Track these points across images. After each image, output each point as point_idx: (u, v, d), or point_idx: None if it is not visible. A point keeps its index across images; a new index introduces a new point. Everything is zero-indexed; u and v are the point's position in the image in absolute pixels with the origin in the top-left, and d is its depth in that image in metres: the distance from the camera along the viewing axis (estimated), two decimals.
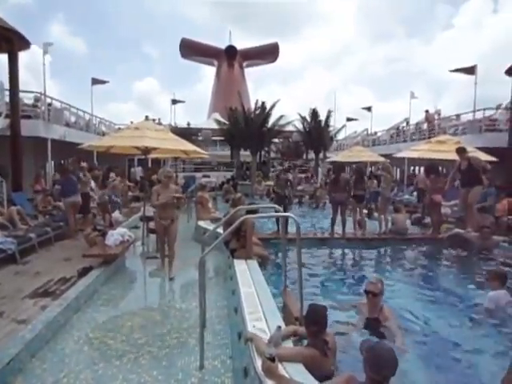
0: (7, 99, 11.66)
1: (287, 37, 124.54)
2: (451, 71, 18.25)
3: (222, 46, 53.68)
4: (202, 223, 8.86)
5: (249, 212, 4.99)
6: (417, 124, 20.93)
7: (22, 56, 11.40)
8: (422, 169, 12.34)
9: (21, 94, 12.09)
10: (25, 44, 11.24)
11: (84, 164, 10.40)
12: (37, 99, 13.66)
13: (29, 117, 12.66)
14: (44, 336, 3.76)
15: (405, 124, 23.22)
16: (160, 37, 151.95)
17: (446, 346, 3.85)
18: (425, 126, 19.74)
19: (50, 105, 14.06)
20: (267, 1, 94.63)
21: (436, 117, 19.41)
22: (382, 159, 17.33)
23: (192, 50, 53.22)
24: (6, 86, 11.51)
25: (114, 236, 6.56)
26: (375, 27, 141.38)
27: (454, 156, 8.35)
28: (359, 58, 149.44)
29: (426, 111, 19.51)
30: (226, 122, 23.36)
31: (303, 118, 23.08)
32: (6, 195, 9.28)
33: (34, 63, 26.39)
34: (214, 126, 25.88)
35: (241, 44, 53.91)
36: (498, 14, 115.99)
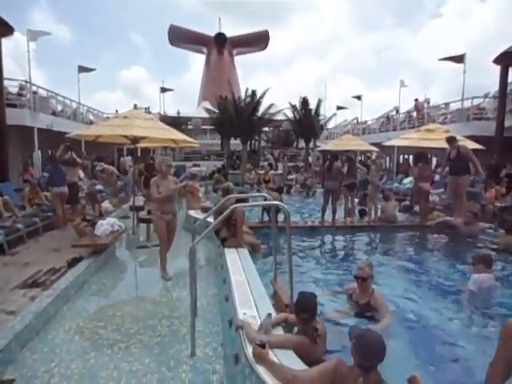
0: None
1: (276, 25, 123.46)
2: (440, 60, 18.33)
3: (211, 33, 52.97)
4: (192, 212, 8.85)
5: (238, 201, 4.99)
6: (408, 113, 21.05)
7: (5, 43, 11.11)
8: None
9: (5, 82, 11.81)
10: (8, 30, 10.93)
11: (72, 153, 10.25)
12: (22, 87, 13.37)
13: (14, 105, 12.40)
14: (34, 327, 3.74)
15: (395, 112, 23.34)
16: (147, 24, 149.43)
17: (432, 328, 3.96)
18: (414, 114, 19.87)
19: (35, 93, 13.78)
20: None
21: (425, 105, 19.53)
22: (372, 148, 17.44)
23: (181, 37, 52.38)
24: None
25: (104, 226, 6.51)
26: (363, 16, 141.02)
27: (443, 144, 8.43)
28: (348, 47, 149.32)
29: (416, 100, 19.60)
30: (216, 111, 23.17)
31: (293, 107, 22.99)
32: None
33: (16, 51, 25.75)
34: (204, 114, 25.68)
35: (230, 32, 52.96)
36: (486, 3, 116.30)
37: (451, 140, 8.01)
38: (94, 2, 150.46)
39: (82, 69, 20.51)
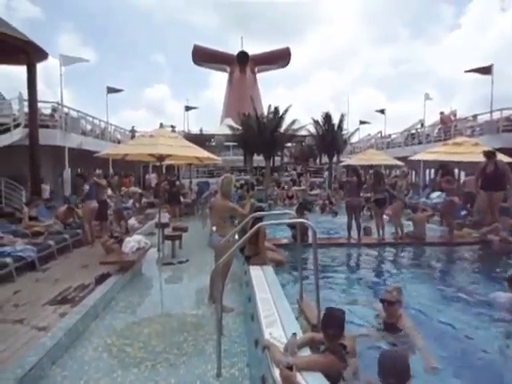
0: (26, 109, 11.98)
1: (292, 41, 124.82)
2: (467, 71, 18.01)
3: (232, 51, 54.10)
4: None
5: (257, 218, 4.93)
6: (433, 126, 20.67)
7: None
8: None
9: (39, 104, 12.40)
10: (42, 55, 11.53)
11: (99, 171, 10.60)
12: (54, 109, 14.00)
13: (46, 126, 12.97)
14: (64, 343, 3.81)
15: (419, 126, 22.96)
16: (168, 44, 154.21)
17: (466, 347, 3.79)
18: (440, 127, 19.49)
19: (66, 114, 14.38)
20: (269, 6, 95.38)
21: (452, 118, 19.13)
22: (396, 162, 17.16)
23: (204, 56, 53.65)
24: (25, 96, 11.82)
25: (131, 243, 6.64)
26: (380, 29, 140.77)
27: (472, 158, 8.23)
28: (366, 60, 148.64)
29: (441, 113, 19.25)
30: (239, 128, 23.44)
31: (316, 122, 23.00)
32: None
33: (45, 72, 27.05)
34: (227, 131, 26.00)
35: (249, 48, 53.80)
36: (507, 12, 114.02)
37: (490, 154, 7.76)
38: (117, 24, 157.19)
39: (110, 90, 21.29)
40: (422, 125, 22.60)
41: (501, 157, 9.14)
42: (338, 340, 2.77)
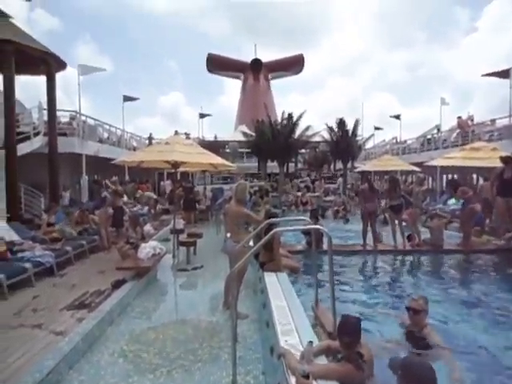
0: (45, 118, 12.29)
1: (305, 47, 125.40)
2: (484, 75, 17.74)
3: (246, 58, 54.54)
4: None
5: (271, 225, 4.92)
6: (450, 131, 20.37)
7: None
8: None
9: (57, 113, 12.70)
10: (61, 66, 11.84)
11: (115, 178, 10.77)
12: (72, 117, 14.32)
13: (65, 134, 13.27)
14: (81, 348, 3.85)
15: (436, 131, 22.65)
16: (182, 51, 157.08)
17: (485, 357, 3.67)
18: (457, 132, 19.17)
19: (84, 122, 14.69)
20: (282, 13, 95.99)
21: (469, 123, 18.81)
22: (412, 168, 16.92)
23: (219, 64, 54.29)
24: (44, 105, 12.12)
25: (147, 249, 6.70)
26: (393, 34, 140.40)
27: (491, 163, 8.06)
28: (380, 65, 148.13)
29: (459, 117, 18.95)
30: (253, 134, 23.54)
31: (330, 128, 22.92)
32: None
33: (64, 82, 27.65)
34: (241, 138, 26.15)
35: (260, 55, 54.17)
36: None
37: (509, 160, 7.60)
38: (131, 33, 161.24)
39: (126, 98, 21.69)
40: (439, 130, 22.28)
41: None
42: (354, 348, 2.73)
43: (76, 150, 13.37)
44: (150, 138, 23.43)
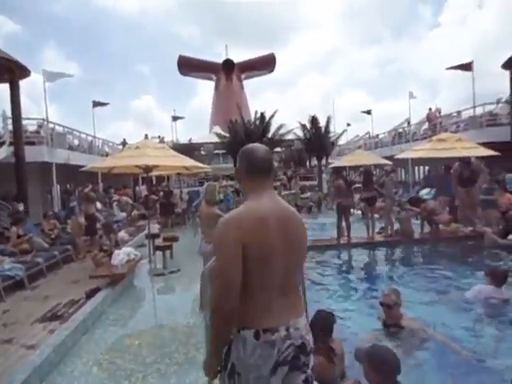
0: (10, 127, 11.91)
1: (276, 46, 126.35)
2: (448, 69, 18.29)
3: (218, 59, 54.39)
4: None
5: None
6: (419, 124, 20.95)
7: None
8: None
9: (24, 121, 12.34)
10: (25, 72, 11.51)
11: (89, 185, 10.56)
12: (40, 125, 13.93)
13: (33, 143, 12.89)
14: (53, 360, 3.76)
15: (406, 125, 23.22)
16: (152, 55, 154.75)
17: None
18: (426, 125, 19.75)
19: (52, 130, 14.30)
20: (252, 13, 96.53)
21: (437, 115, 19.40)
22: (385, 161, 17.30)
23: (190, 66, 53.83)
24: (8, 114, 11.76)
25: (120, 256, 6.60)
26: (361, 31, 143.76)
27: (456, 153, 8.36)
28: (350, 62, 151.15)
29: (430, 109, 19.52)
30: (227, 135, 23.51)
31: (303, 126, 23.16)
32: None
33: (31, 89, 26.92)
34: (216, 139, 26.06)
35: (233, 56, 54.22)
36: (483, 9, 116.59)
37: (467, 161, 8.01)
38: (99, 38, 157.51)
39: (96, 103, 21.19)
40: (409, 123, 22.87)
41: (484, 151, 9.31)
42: (326, 342, 2.79)
43: (45, 159, 12.98)
44: (124, 144, 23.03)
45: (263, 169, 1.77)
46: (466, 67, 17.46)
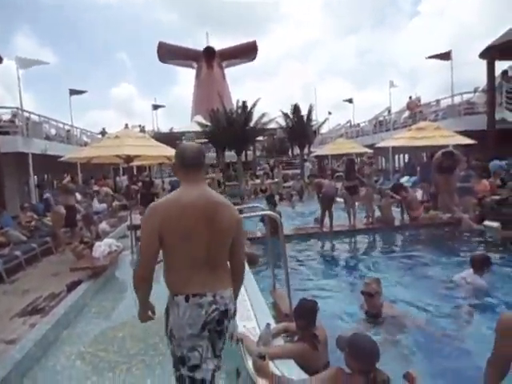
0: None
1: (258, 34, 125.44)
2: (427, 58, 18.50)
3: (199, 47, 53.48)
4: None
5: None
6: (399, 112, 21.19)
7: None
8: None
9: None
10: None
11: (67, 176, 10.30)
12: (14, 114, 13.44)
13: (7, 133, 12.45)
14: (34, 354, 3.70)
15: (386, 113, 23.47)
16: (132, 42, 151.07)
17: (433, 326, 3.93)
18: (406, 113, 19.99)
19: (28, 119, 13.84)
20: (233, 3, 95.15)
21: (417, 104, 19.65)
22: (365, 150, 17.51)
23: (170, 53, 52.77)
24: None
25: (102, 247, 6.50)
26: (342, 21, 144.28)
27: (435, 142, 8.52)
28: (331, 51, 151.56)
29: (410, 97, 19.75)
30: (209, 124, 23.26)
31: (285, 115, 23.11)
32: None
33: (5, 77, 25.88)
34: (197, 128, 25.76)
35: (215, 44, 53.42)
36: None
37: (448, 156, 8.16)
38: (75, 25, 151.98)
39: (72, 92, 20.57)
40: (389, 112, 23.11)
41: (462, 139, 9.52)
42: (309, 329, 2.83)
43: (20, 149, 12.56)
44: (103, 133, 22.51)
45: (194, 164, 2.11)
46: (445, 56, 17.71)
